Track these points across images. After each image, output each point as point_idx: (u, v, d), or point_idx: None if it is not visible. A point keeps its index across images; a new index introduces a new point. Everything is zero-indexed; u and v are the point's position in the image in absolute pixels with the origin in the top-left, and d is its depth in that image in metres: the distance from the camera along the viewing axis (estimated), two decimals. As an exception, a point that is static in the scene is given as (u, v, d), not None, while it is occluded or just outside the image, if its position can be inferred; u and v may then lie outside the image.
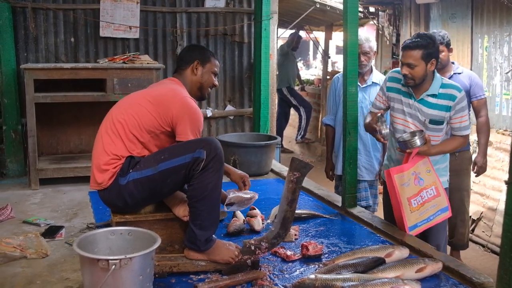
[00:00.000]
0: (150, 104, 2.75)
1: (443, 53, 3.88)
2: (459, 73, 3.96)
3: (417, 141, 3.06)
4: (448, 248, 3.96)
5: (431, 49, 3.05)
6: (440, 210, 3.20)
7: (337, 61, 13.08)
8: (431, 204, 3.16)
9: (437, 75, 3.19)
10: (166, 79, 3.06)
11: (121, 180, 2.65)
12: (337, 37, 12.11)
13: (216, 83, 3.05)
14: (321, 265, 2.81)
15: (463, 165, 4.01)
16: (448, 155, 3.35)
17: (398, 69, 3.25)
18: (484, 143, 4.04)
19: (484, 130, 4.02)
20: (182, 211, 2.73)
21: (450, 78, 3.89)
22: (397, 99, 3.26)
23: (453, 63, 4.03)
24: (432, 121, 3.13)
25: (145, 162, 2.66)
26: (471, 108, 4.00)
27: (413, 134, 3.12)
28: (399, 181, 3.08)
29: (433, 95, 3.14)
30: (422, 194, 3.13)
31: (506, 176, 2.14)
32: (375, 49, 4.11)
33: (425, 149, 3.08)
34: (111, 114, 2.82)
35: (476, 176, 4.22)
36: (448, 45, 3.91)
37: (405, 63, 3.09)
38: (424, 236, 3.32)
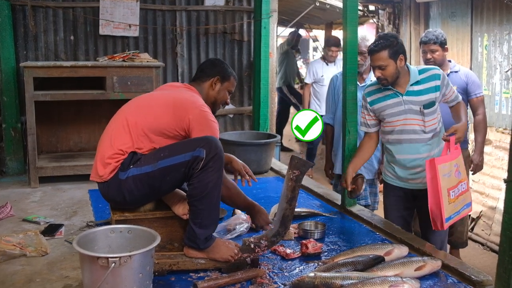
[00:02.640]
0: (168, 106, 2.74)
1: (437, 53, 3.88)
2: (456, 71, 3.95)
3: (316, 234, 3.20)
4: (448, 246, 3.96)
5: (395, 47, 3.12)
6: (466, 204, 3.21)
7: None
8: (462, 197, 3.17)
9: (410, 66, 3.24)
10: (183, 85, 3.03)
11: (121, 175, 2.65)
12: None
13: (229, 101, 3.09)
14: (320, 263, 2.82)
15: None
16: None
17: (366, 83, 3.37)
18: (481, 141, 4.04)
19: (481, 128, 4.02)
20: (181, 209, 2.73)
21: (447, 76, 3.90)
22: (384, 106, 3.25)
23: (449, 61, 4.02)
24: (426, 106, 3.16)
25: (145, 159, 2.66)
26: (469, 106, 4.00)
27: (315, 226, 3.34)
28: (441, 171, 3.03)
29: (416, 82, 3.18)
30: (459, 187, 3.13)
31: (505, 175, 2.15)
32: None
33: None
34: (124, 111, 2.83)
35: (472, 174, 4.22)
36: (442, 44, 3.89)
37: (375, 66, 3.15)
38: (426, 233, 3.33)
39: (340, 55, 6.63)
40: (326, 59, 6.56)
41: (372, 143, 3.40)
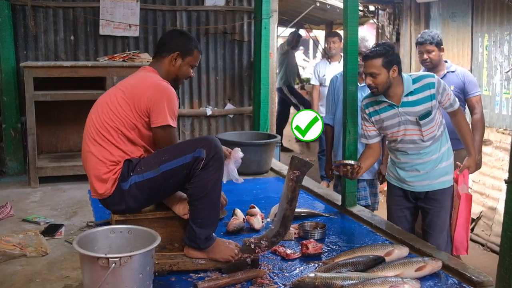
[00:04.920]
0: (123, 99, 2.69)
1: (433, 53, 3.87)
2: (453, 71, 3.96)
3: (317, 235, 3.18)
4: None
5: (390, 56, 3.08)
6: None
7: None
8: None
9: (404, 75, 3.19)
10: (140, 68, 2.93)
11: (124, 185, 2.64)
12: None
13: (192, 74, 2.94)
14: (320, 263, 2.81)
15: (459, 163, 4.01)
16: (452, 153, 3.34)
17: (365, 95, 3.36)
18: (478, 140, 4.03)
19: (479, 127, 4.00)
20: (182, 209, 2.73)
21: (443, 77, 3.88)
22: (380, 119, 3.24)
23: (446, 61, 4.02)
24: (422, 117, 3.13)
25: (145, 164, 2.65)
26: (466, 106, 4.00)
27: (314, 227, 3.30)
28: None
29: (411, 93, 3.15)
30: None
31: (506, 175, 2.15)
32: None
33: (472, 164, 3.29)
34: (92, 121, 2.76)
35: (470, 173, 4.22)
36: (438, 44, 3.90)
37: (367, 73, 3.12)
38: (425, 235, 3.33)
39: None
40: (327, 53, 6.42)
41: (371, 153, 3.35)
